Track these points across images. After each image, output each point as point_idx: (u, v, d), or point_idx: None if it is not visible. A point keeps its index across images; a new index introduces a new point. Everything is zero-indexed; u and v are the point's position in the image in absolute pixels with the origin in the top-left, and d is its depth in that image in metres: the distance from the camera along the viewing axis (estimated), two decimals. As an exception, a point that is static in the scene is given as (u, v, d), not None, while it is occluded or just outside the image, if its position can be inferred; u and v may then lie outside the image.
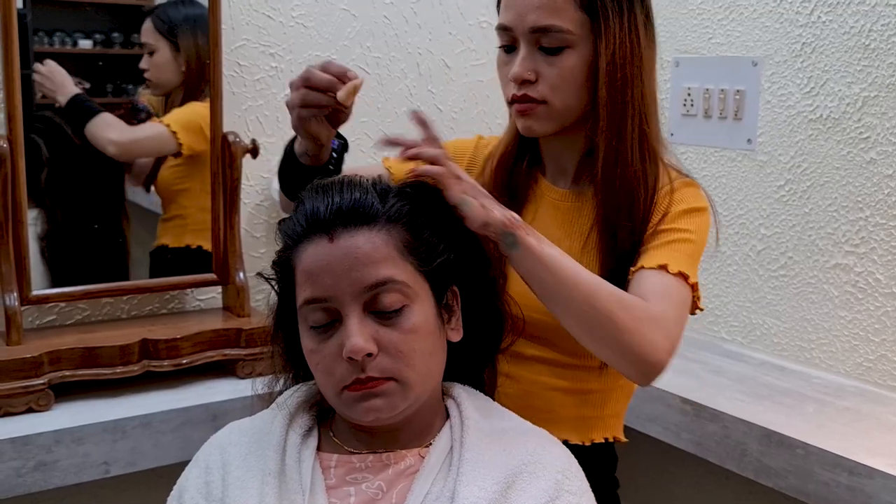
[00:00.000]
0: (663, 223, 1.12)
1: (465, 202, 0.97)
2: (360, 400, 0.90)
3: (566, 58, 1.11)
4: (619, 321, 1.00)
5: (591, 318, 1.00)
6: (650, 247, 1.11)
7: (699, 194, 1.17)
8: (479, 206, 0.98)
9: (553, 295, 1.01)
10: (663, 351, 1.02)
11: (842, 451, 1.34)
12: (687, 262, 1.09)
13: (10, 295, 1.49)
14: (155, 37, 1.67)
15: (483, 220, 0.98)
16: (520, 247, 0.99)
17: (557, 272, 1.00)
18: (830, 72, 1.66)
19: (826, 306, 1.70)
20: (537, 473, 0.91)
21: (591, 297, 1.00)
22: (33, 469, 1.36)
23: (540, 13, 1.10)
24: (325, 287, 0.90)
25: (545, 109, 1.13)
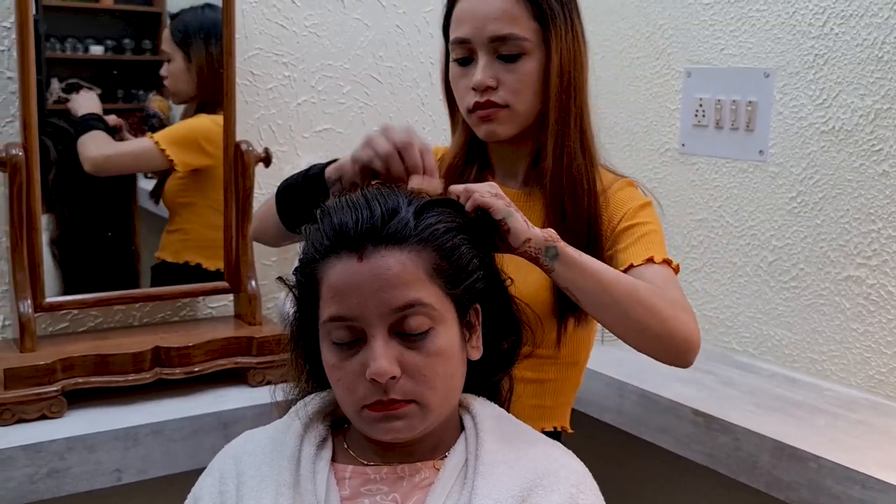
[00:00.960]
0: (624, 221, 1.21)
1: (511, 215, 1.02)
2: (381, 420, 0.90)
3: (524, 64, 1.20)
4: (662, 311, 1.08)
5: (639, 315, 1.07)
6: (625, 245, 1.20)
7: (640, 192, 1.28)
8: (522, 220, 1.03)
9: (599, 300, 1.07)
10: (698, 332, 1.12)
11: (854, 464, 1.34)
12: (663, 250, 1.19)
13: (24, 302, 1.50)
14: (171, 46, 1.68)
15: (527, 235, 1.03)
16: (561, 258, 1.04)
17: (600, 278, 1.06)
18: (843, 83, 1.66)
19: (838, 318, 1.70)
20: (552, 487, 0.91)
21: (634, 294, 1.07)
22: (46, 476, 1.36)
23: (498, 23, 1.18)
24: (352, 306, 0.89)
25: (507, 113, 1.22)
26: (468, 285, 0.95)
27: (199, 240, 1.75)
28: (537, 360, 1.22)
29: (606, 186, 1.25)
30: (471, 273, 0.95)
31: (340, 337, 0.91)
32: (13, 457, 1.34)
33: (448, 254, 0.93)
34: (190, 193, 1.74)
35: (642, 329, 1.08)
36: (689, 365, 1.13)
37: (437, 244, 0.92)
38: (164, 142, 1.68)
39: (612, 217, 1.23)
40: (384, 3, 1.92)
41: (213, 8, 1.67)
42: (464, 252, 0.94)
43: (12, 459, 1.34)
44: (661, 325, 1.08)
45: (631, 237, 1.20)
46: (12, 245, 1.49)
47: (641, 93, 2.07)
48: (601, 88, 2.17)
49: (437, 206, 0.96)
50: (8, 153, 1.47)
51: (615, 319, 1.09)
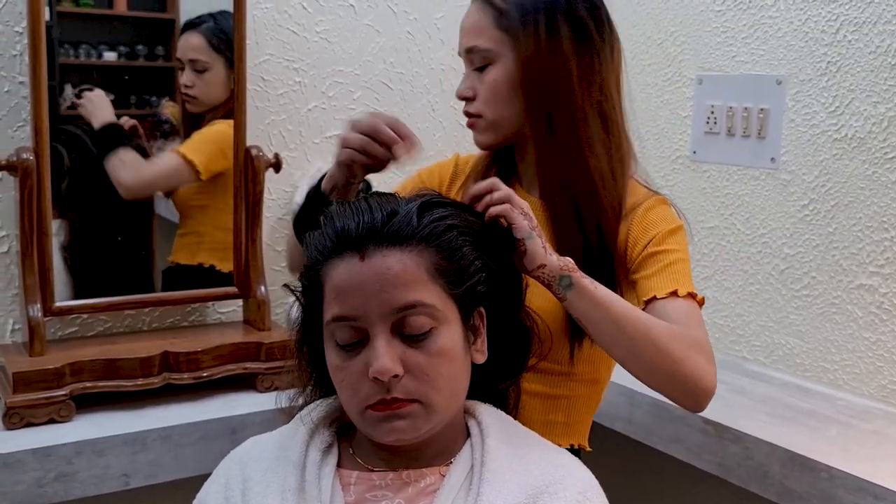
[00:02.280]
0: (651, 246, 1.17)
1: (531, 237, 1.02)
2: (384, 420, 0.90)
3: (490, 73, 1.20)
4: (674, 353, 1.05)
5: (649, 355, 1.05)
6: (650, 273, 1.15)
7: (673, 213, 1.23)
8: (541, 245, 1.02)
9: (609, 334, 1.06)
10: (713, 376, 1.08)
11: (867, 474, 1.32)
12: (689, 282, 1.15)
13: (33, 306, 1.50)
14: (210, 54, 1.67)
15: (542, 261, 1.02)
16: (575, 289, 1.03)
17: (613, 312, 1.04)
18: (856, 91, 1.65)
19: (850, 327, 1.69)
20: (558, 494, 0.90)
21: (647, 333, 1.05)
22: (54, 480, 1.37)
23: (467, 37, 1.21)
24: (354, 306, 0.89)
25: (482, 122, 1.22)
26: (470, 286, 0.94)
27: (212, 242, 1.75)
28: (549, 376, 1.22)
29: (637, 203, 1.21)
30: (473, 274, 0.95)
31: (344, 337, 0.91)
32: (22, 460, 1.34)
33: (450, 254, 0.93)
34: (204, 196, 1.74)
35: (652, 369, 1.07)
36: (701, 410, 1.10)
37: (438, 244, 0.92)
38: (189, 153, 1.68)
39: (639, 239, 1.19)
40: (395, 10, 1.93)
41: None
42: (465, 253, 0.94)
43: (21, 463, 1.34)
44: (672, 366, 1.05)
45: (656, 265, 1.16)
46: (22, 249, 1.50)
47: (653, 100, 2.06)
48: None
49: (439, 207, 0.96)
50: (19, 157, 1.47)
51: (626, 356, 1.07)
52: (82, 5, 1.62)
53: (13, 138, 1.58)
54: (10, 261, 1.60)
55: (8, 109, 1.58)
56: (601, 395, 1.32)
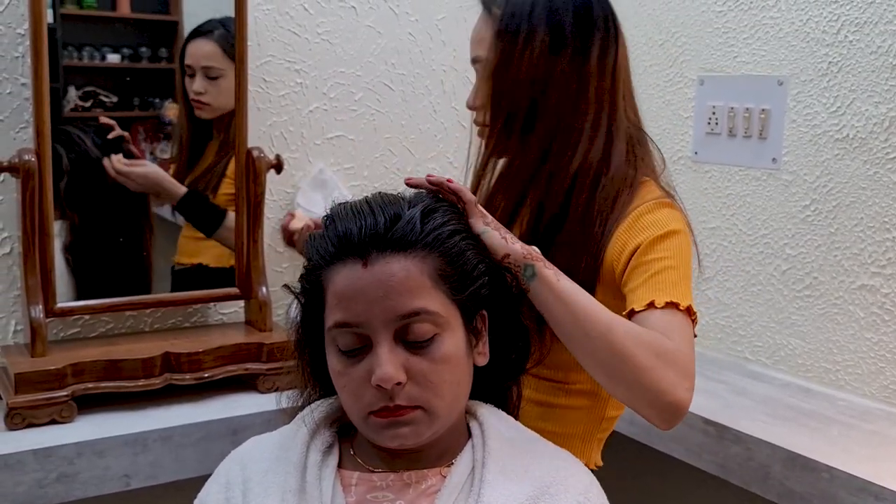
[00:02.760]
0: (637, 256, 1.11)
1: (486, 232, 0.99)
2: (387, 427, 0.90)
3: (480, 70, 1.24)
4: (636, 359, 0.97)
5: (608, 356, 0.99)
6: (634, 286, 1.09)
7: (671, 216, 1.14)
8: (500, 237, 1.00)
9: (569, 330, 1.00)
10: (683, 390, 0.98)
11: (868, 475, 1.32)
12: (674, 291, 1.06)
13: (35, 307, 1.50)
14: (224, 62, 1.67)
15: (505, 251, 1.00)
16: (537, 279, 1.00)
17: (572, 306, 0.99)
18: (857, 91, 1.65)
19: (852, 328, 1.69)
20: (559, 496, 0.90)
21: (608, 334, 0.98)
22: (55, 480, 1.37)
23: (472, 46, 1.24)
24: (357, 313, 0.89)
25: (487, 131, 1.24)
26: (474, 291, 0.94)
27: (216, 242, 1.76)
28: (545, 382, 1.20)
29: (635, 206, 1.15)
30: (476, 279, 0.94)
31: (346, 343, 0.91)
32: (23, 461, 1.34)
33: (453, 259, 0.92)
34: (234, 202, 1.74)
35: (612, 375, 0.99)
36: (668, 427, 1.00)
37: (442, 250, 0.91)
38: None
39: (626, 244, 1.12)
40: (397, 11, 1.93)
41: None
42: (469, 257, 0.94)
43: (22, 464, 1.34)
44: (634, 374, 0.97)
45: (641, 276, 1.09)
46: (24, 250, 1.50)
47: (654, 100, 2.06)
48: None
49: (442, 211, 0.95)
50: (21, 159, 1.47)
51: (585, 357, 1.01)
52: (86, 7, 1.62)
53: (15, 140, 1.58)
54: (11, 262, 1.60)
55: (10, 111, 1.58)
56: (605, 412, 1.25)
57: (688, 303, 1.06)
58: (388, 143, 1.96)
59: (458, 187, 1.00)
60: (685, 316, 1.05)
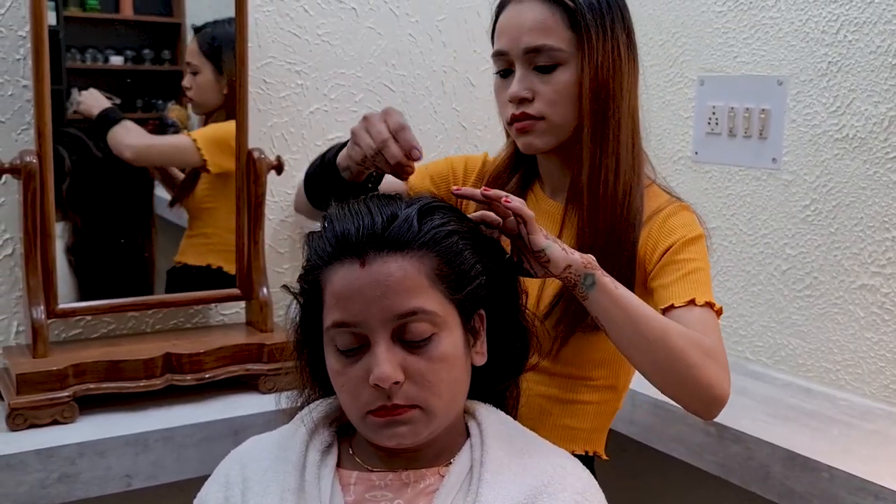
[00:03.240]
0: (670, 254, 1.16)
1: (549, 247, 1.01)
2: (385, 426, 0.90)
3: (559, 75, 1.17)
4: (689, 358, 1.04)
5: (664, 357, 1.05)
6: (668, 282, 1.15)
7: (695, 220, 1.21)
8: (560, 249, 1.02)
9: (628, 334, 1.05)
10: (727, 384, 1.08)
11: (868, 474, 1.32)
12: (707, 291, 1.14)
13: (37, 308, 1.51)
14: (199, 58, 1.69)
15: (567, 262, 1.02)
16: (597, 287, 1.03)
17: (632, 312, 1.04)
18: (857, 91, 1.65)
19: (852, 327, 1.69)
20: (557, 495, 0.90)
21: (664, 336, 1.04)
22: (57, 481, 1.37)
23: (533, 35, 1.16)
24: (355, 312, 0.89)
25: (544, 125, 1.19)
26: (471, 290, 0.95)
27: (221, 244, 1.76)
28: (561, 379, 1.22)
29: (658, 209, 1.20)
30: (473, 278, 0.95)
31: (344, 343, 0.91)
32: (25, 461, 1.35)
33: (450, 259, 0.93)
34: (216, 198, 1.74)
35: (666, 372, 1.06)
36: (712, 417, 1.10)
37: (438, 249, 0.92)
38: (200, 140, 1.70)
39: (658, 243, 1.18)
40: (397, 12, 1.93)
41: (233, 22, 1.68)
42: (466, 257, 0.94)
43: (24, 464, 1.35)
44: (687, 371, 1.05)
45: (675, 274, 1.15)
46: (26, 251, 1.50)
47: (654, 101, 2.07)
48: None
49: (439, 211, 0.96)
50: (22, 160, 1.48)
51: (641, 358, 1.07)
52: (89, 9, 1.62)
53: (17, 141, 1.58)
54: (13, 263, 1.61)
55: (12, 113, 1.58)
56: (620, 403, 1.31)
57: (719, 305, 1.14)
58: (388, 143, 1.96)
59: (518, 206, 1.00)
60: (716, 316, 1.14)
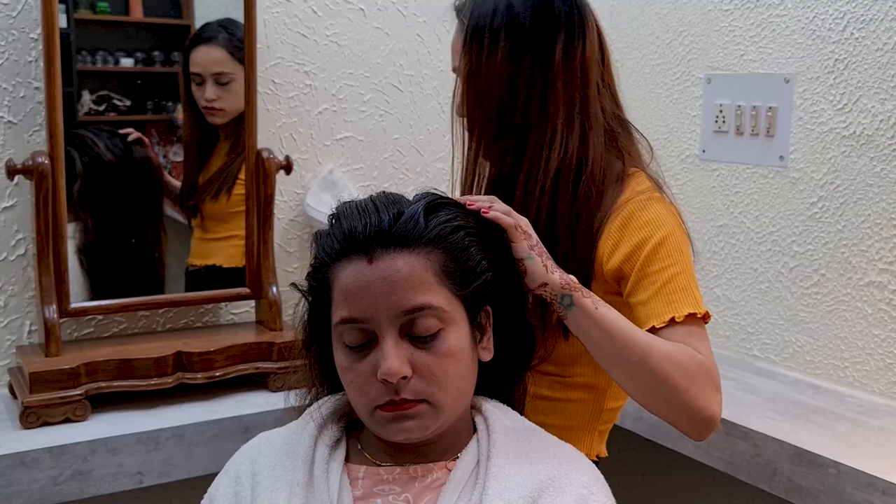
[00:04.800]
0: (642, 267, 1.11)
1: (531, 258, 1.01)
2: (393, 421, 0.91)
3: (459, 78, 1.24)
4: (673, 381, 1.02)
5: (646, 379, 1.02)
6: (645, 298, 1.10)
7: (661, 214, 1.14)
8: (541, 264, 1.02)
9: (608, 356, 1.04)
10: (716, 404, 1.04)
11: (875, 471, 1.33)
12: (687, 300, 1.09)
13: (49, 308, 1.52)
14: (234, 66, 1.69)
15: (543, 280, 1.01)
16: (575, 308, 1.02)
17: (612, 334, 1.02)
18: (863, 88, 1.65)
19: (860, 324, 1.69)
20: (563, 489, 0.91)
21: (646, 358, 1.02)
22: (70, 478, 1.39)
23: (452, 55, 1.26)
24: (362, 308, 0.90)
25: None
26: (477, 287, 0.95)
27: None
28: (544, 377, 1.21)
29: (626, 200, 1.16)
30: (479, 274, 0.96)
31: (352, 339, 0.92)
32: (38, 459, 1.37)
33: (457, 255, 0.94)
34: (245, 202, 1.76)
35: (650, 395, 1.04)
36: (703, 439, 1.07)
37: (445, 245, 0.93)
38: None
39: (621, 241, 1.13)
40: (404, 13, 1.94)
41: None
42: (472, 253, 0.95)
43: (37, 461, 1.36)
44: (672, 394, 1.02)
45: (650, 289, 1.10)
46: (38, 252, 1.52)
47: (662, 99, 2.07)
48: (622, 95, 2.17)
49: (445, 207, 0.96)
50: (34, 161, 1.50)
51: (625, 379, 1.05)
52: (99, 12, 1.64)
53: (28, 143, 1.60)
54: (26, 263, 1.63)
55: (24, 115, 1.60)
56: (605, 404, 1.26)
57: (703, 309, 1.10)
58: (396, 143, 1.97)
59: (495, 216, 1.01)
60: (702, 322, 1.10)
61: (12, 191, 1.60)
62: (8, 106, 1.59)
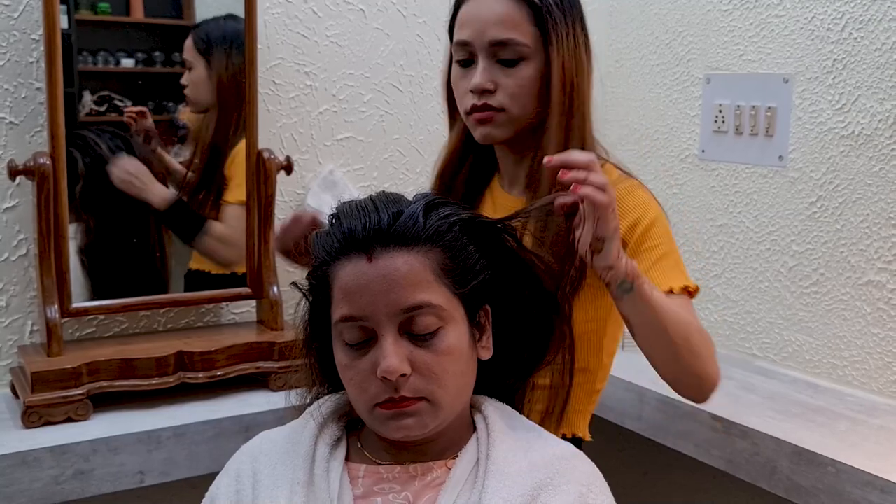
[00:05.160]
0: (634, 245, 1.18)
1: (611, 241, 1.02)
2: (392, 418, 0.92)
3: (523, 69, 1.19)
4: (702, 353, 1.12)
5: (684, 356, 1.11)
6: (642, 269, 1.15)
7: (648, 198, 1.23)
8: (616, 248, 1.03)
9: (654, 338, 1.10)
10: (719, 370, 1.16)
11: (874, 469, 1.33)
12: (679, 275, 1.19)
13: (51, 307, 1.53)
14: (193, 54, 1.70)
15: (611, 264, 1.03)
16: (635, 294, 1.06)
17: (663, 317, 1.08)
18: (862, 88, 1.66)
19: (859, 323, 1.69)
20: (562, 487, 0.92)
21: (688, 338, 1.10)
22: (71, 477, 1.39)
23: (499, 28, 1.18)
24: (362, 306, 0.91)
25: (504, 117, 1.21)
26: (476, 285, 0.96)
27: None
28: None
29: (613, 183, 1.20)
30: (478, 273, 0.96)
31: (352, 337, 0.93)
32: (40, 458, 1.37)
33: (455, 253, 0.94)
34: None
35: (683, 368, 1.12)
36: (705, 401, 1.18)
37: (443, 244, 0.94)
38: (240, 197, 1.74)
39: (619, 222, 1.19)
40: (405, 13, 1.95)
41: (235, 18, 1.70)
42: (471, 252, 0.96)
43: (39, 461, 1.37)
44: (701, 367, 1.12)
45: (647, 261, 1.18)
46: (40, 252, 1.53)
47: (661, 99, 2.08)
48: (621, 95, 2.18)
49: (444, 206, 0.97)
50: (36, 162, 1.50)
51: (662, 355, 1.12)
52: (100, 13, 1.64)
53: (30, 143, 1.61)
54: (28, 263, 1.63)
55: (25, 115, 1.61)
56: (595, 385, 1.32)
57: (694, 285, 1.19)
58: (396, 144, 1.98)
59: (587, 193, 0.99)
60: (690, 297, 1.19)
61: (14, 191, 1.61)
62: (10, 107, 1.59)
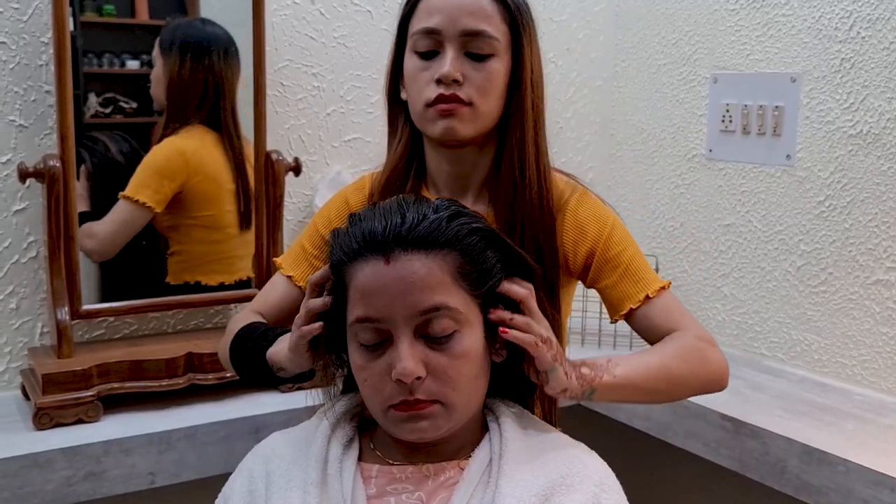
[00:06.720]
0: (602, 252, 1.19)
1: (554, 370, 0.99)
2: (406, 420, 0.92)
3: (492, 64, 1.15)
4: (695, 370, 1.13)
5: (678, 389, 1.14)
6: (612, 282, 1.19)
7: (600, 204, 1.23)
8: (562, 373, 1.00)
9: (641, 399, 1.13)
10: (724, 361, 1.17)
11: (883, 468, 1.33)
12: (650, 277, 1.19)
13: (61, 309, 1.53)
14: (156, 51, 1.68)
15: (564, 387, 1.01)
16: (598, 392, 1.05)
17: (637, 385, 1.08)
18: (870, 87, 1.66)
19: (867, 322, 1.69)
20: (575, 486, 0.92)
21: (668, 378, 1.11)
22: (83, 479, 1.40)
23: (473, 18, 1.14)
24: (378, 308, 0.91)
25: (470, 111, 1.14)
26: (492, 288, 0.96)
27: (192, 259, 1.74)
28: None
29: (561, 196, 1.20)
30: (495, 275, 0.97)
31: (367, 338, 0.93)
32: (52, 460, 1.38)
33: (473, 257, 0.94)
34: (171, 217, 1.70)
35: (683, 395, 1.17)
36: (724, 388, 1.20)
37: (461, 247, 0.94)
38: (134, 194, 1.64)
39: (578, 241, 1.19)
40: (411, 14, 1.95)
41: (207, 22, 1.69)
42: (488, 256, 0.96)
43: (51, 462, 1.38)
44: (698, 382, 1.14)
45: (615, 272, 1.19)
46: (50, 254, 1.53)
47: (668, 99, 2.08)
48: (628, 95, 2.18)
49: (463, 214, 0.97)
50: (46, 165, 1.51)
51: (658, 400, 1.16)
52: (105, 15, 1.65)
53: (39, 146, 1.61)
54: (38, 265, 1.64)
55: (35, 118, 1.61)
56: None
57: (667, 281, 1.21)
58: (404, 144, 1.98)
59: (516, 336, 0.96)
60: (668, 291, 1.20)
61: (24, 193, 1.61)
62: (19, 109, 1.60)
